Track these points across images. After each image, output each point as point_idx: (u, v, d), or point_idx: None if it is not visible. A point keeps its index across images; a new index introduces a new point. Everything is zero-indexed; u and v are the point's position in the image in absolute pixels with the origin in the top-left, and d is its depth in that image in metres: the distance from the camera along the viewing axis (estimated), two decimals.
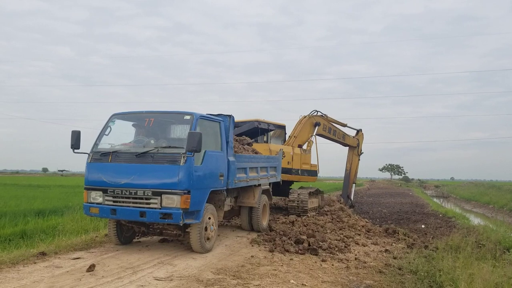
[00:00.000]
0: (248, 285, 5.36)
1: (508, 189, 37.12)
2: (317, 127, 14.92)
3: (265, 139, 14.23)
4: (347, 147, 17.39)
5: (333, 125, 15.96)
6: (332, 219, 11.79)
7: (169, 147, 6.84)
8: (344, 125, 16.66)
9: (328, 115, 15.64)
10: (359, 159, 17.56)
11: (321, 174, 17.10)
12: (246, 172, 8.71)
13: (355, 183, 17.71)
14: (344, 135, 16.60)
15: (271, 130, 14.38)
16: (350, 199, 17.35)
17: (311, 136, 14.81)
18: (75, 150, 7.10)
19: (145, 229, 7.61)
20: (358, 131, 17.73)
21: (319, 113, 15.32)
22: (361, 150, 17.56)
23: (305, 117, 14.87)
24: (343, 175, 17.53)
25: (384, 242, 9.58)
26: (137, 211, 6.55)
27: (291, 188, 13.72)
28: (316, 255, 7.49)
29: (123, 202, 6.70)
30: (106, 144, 7.20)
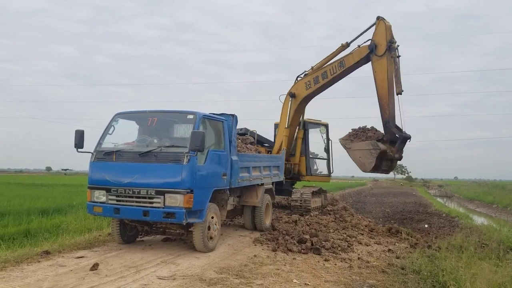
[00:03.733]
0: (251, 284, 5.37)
1: None
2: (292, 100, 12.55)
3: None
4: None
5: (320, 69, 12.16)
6: (335, 219, 11.77)
7: (172, 146, 6.86)
8: (345, 45, 11.89)
9: (313, 65, 12.35)
10: (391, 56, 10.85)
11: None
12: (249, 172, 8.71)
13: (400, 93, 10.72)
14: (342, 60, 11.71)
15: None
16: (395, 128, 10.81)
17: (292, 115, 12.55)
18: (79, 149, 7.13)
19: (148, 228, 7.63)
20: (374, 24, 11.30)
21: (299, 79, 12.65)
22: (388, 43, 10.82)
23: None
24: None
25: (387, 241, 9.57)
26: (140, 210, 6.57)
27: (294, 188, 13.71)
28: (319, 254, 7.49)
29: (126, 201, 6.73)
30: (109, 144, 7.23)
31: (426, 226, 13.20)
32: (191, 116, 7.05)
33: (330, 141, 14.24)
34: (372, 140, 10.98)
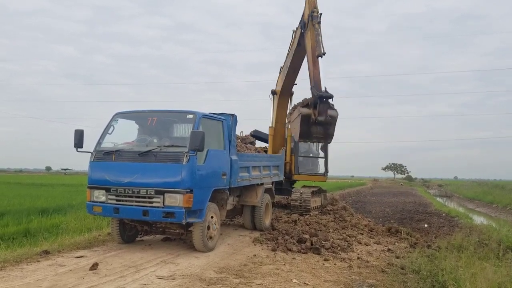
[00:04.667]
0: (250, 284, 5.37)
1: None
2: (274, 97, 12.77)
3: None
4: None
5: (286, 57, 12.16)
6: (334, 218, 11.77)
7: (172, 146, 6.86)
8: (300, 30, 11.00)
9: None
10: (312, 24, 10.02)
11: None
12: (248, 171, 8.71)
13: (320, 55, 9.71)
14: (293, 46, 11.37)
15: None
16: (319, 91, 9.18)
17: (276, 112, 12.75)
18: (78, 149, 7.13)
19: (148, 228, 7.63)
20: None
21: None
22: (309, 13, 10.13)
23: None
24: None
25: (387, 241, 9.56)
26: (140, 210, 6.57)
27: (294, 187, 13.70)
28: (319, 254, 7.49)
29: (126, 201, 6.72)
30: (109, 143, 7.23)
31: (425, 225, 13.20)
32: (190, 116, 7.05)
33: None
34: (298, 107, 10.10)
